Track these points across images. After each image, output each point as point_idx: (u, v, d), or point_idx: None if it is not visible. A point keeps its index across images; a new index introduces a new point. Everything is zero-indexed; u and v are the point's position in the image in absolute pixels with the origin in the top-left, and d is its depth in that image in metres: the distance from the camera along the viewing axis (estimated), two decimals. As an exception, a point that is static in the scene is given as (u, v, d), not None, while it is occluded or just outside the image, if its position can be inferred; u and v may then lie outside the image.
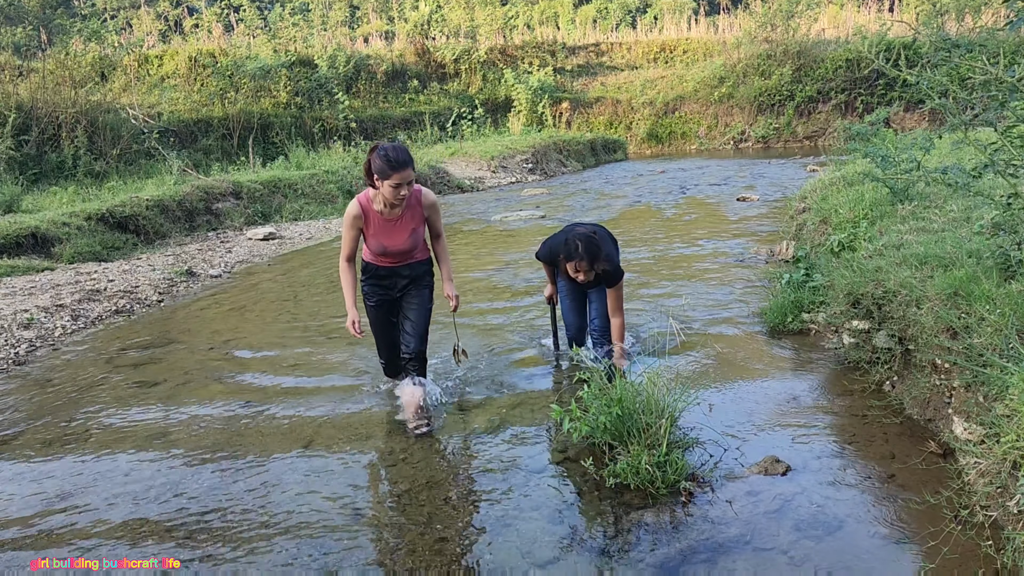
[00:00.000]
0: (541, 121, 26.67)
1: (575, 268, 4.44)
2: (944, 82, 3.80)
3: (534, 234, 10.87)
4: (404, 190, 3.97)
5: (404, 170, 3.90)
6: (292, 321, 6.66)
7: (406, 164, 3.91)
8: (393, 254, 4.31)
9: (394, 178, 3.90)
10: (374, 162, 3.92)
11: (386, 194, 3.97)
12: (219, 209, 12.67)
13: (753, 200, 12.92)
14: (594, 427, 3.55)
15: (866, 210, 6.35)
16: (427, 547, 3.04)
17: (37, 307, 6.94)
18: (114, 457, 4.03)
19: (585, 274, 4.44)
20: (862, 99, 25.13)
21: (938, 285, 3.90)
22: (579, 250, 4.37)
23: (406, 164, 3.91)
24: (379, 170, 3.91)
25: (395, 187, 3.92)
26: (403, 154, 3.92)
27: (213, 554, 3.05)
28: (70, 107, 15.40)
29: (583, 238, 4.40)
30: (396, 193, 3.95)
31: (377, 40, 31.78)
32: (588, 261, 4.36)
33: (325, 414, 4.49)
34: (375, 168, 3.92)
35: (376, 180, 3.96)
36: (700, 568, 2.82)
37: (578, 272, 4.46)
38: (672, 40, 32.30)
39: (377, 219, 4.19)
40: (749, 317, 5.93)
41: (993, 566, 2.64)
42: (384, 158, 3.88)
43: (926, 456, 3.52)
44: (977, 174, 4.04)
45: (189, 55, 22.21)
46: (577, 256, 4.37)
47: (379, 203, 4.14)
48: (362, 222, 4.20)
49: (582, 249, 4.36)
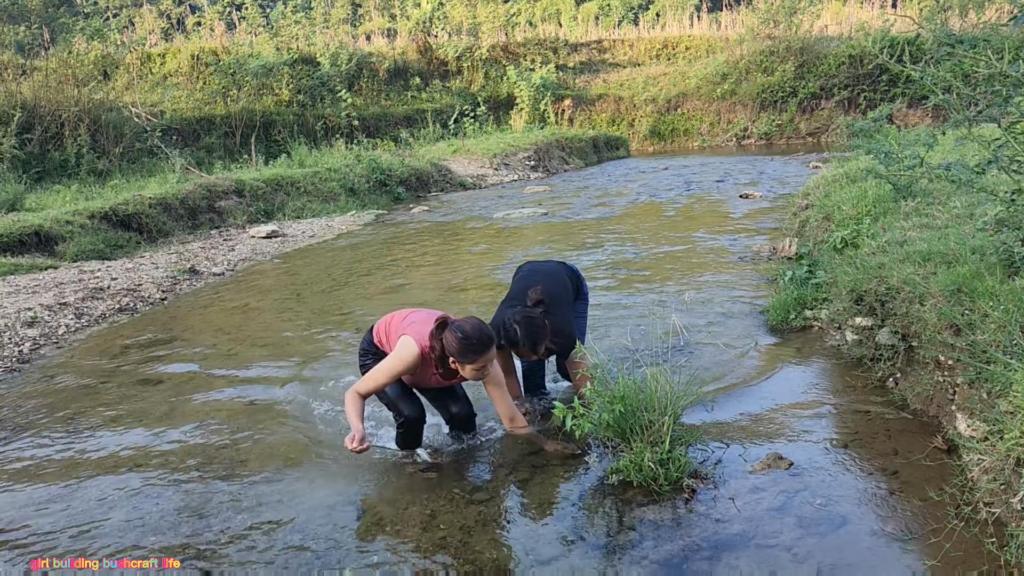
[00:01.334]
0: (543, 118, 26.67)
1: (518, 353, 4.04)
2: (947, 78, 3.78)
3: (536, 231, 10.88)
4: (489, 368, 3.59)
5: (489, 351, 3.48)
6: (295, 319, 6.67)
7: (490, 344, 3.48)
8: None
9: (478, 362, 3.47)
10: (449, 343, 3.46)
11: (467, 375, 3.56)
12: (222, 207, 12.68)
13: (756, 197, 12.91)
14: (596, 424, 3.55)
15: (869, 207, 6.34)
16: (430, 545, 3.04)
17: (41, 305, 6.95)
18: (117, 456, 4.04)
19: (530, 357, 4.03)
20: (865, 95, 25.10)
21: (941, 282, 3.89)
22: (518, 335, 3.87)
23: (490, 344, 3.48)
24: (457, 353, 3.45)
25: (479, 369, 3.52)
26: (485, 333, 3.48)
27: (215, 550, 3.05)
28: (73, 106, 15.43)
29: (522, 321, 3.87)
30: (480, 374, 3.56)
31: (379, 38, 31.77)
32: (530, 346, 3.87)
33: (328, 413, 4.48)
34: (451, 350, 3.46)
35: (452, 362, 3.52)
36: (703, 565, 2.82)
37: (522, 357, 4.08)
38: (674, 37, 32.30)
39: (431, 377, 3.73)
40: (752, 314, 5.93)
41: (996, 563, 2.64)
42: (465, 342, 3.42)
43: (929, 452, 3.51)
44: (980, 170, 4.03)
45: (191, 53, 22.26)
46: (519, 342, 3.88)
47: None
48: (412, 373, 3.69)
49: (521, 334, 3.85)
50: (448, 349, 3.47)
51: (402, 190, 15.96)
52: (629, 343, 5.20)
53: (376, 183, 15.58)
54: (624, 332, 5.45)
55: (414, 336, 3.59)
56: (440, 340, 3.51)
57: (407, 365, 3.57)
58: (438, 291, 7.34)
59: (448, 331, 3.48)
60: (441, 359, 3.55)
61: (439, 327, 3.53)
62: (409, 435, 3.81)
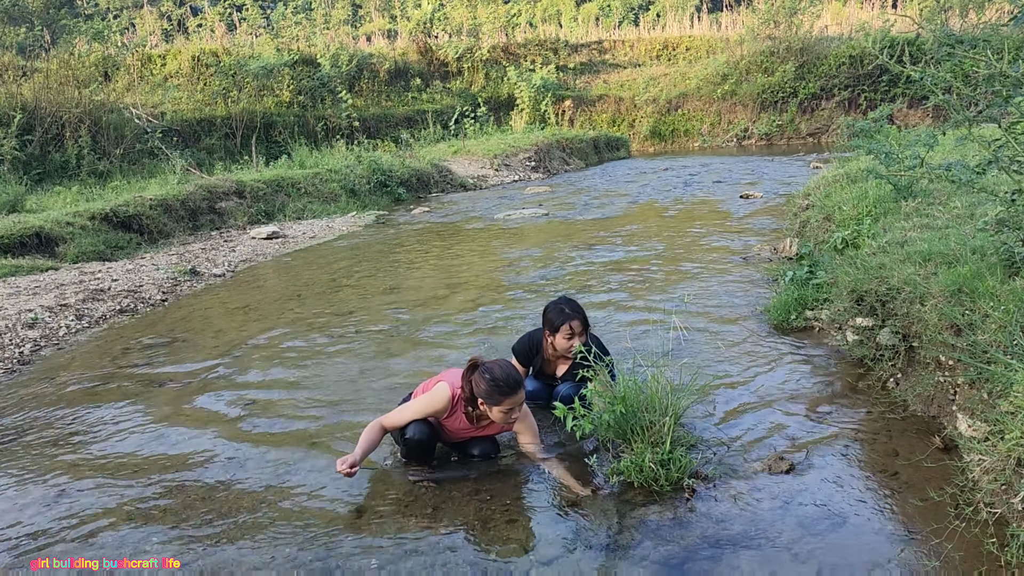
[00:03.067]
0: (544, 119, 26.68)
1: (570, 331, 4.10)
2: (948, 78, 3.78)
3: (537, 232, 10.88)
4: (516, 412, 3.55)
5: (516, 394, 3.46)
6: (296, 320, 6.67)
7: (517, 387, 3.46)
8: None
9: (505, 404, 3.46)
10: (477, 385, 3.47)
11: (495, 418, 3.55)
12: (222, 208, 12.69)
13: (756, 197, 12.91)
14: (597, 425, 3.55)
15: (869, 207, 6.34)
16: (431, 546, 3.04)
17: (41, 307, 6.95)
18: (120, 456, 4.04)
19: (579, 337, 4.11)
20: (865, 96, 25.10)
21: (942, 282, 3.89)
22: (568, 310, 4.09)
23: (517, 387, 3.46)
24: (487, 396, 3.45)
25: (506, 412, 3.50)
26: (512, 376, 3.47)
27: (216, 542, 3.05)
28: (74, 107, 15.43)
29: (564, 300, 4.16)
30: (507, 418, 3.54)
31: (380, 39, 31.79)
32: (581, 318, 4.11)
33: (329, 414, 4.49)
34: (480, 392, 3.47)
35: (481, 405, 3.52)
36: (704, 565, 2.82)
37: (572, 338, 4.11)
38: (675, 37, 32.30)
39: (461, 423, 3.69)
40: (752, 315, 5.93)
41: (997, 563, 2.64)
42: (493, 384, 3.42)
43: (930, 453, 3.51)
44: (981, 170, 4.03)
45: (192, 54, 22.28)
46: (569, 316, 4.07)
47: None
48: (442, 415, 3.66)
49: (570, 309, 4.10)
50: (476, 391, 3.48)
51: (403, 191, 15.96)
52: (629, 344, 5.20)
53: (377, 184, 15.58)
54: (624, 333, 5.45)
55: (448, 381, 3.65)
56: (470, 381, 3.52)
57: (436, 406, 3.60)
58: (439, 291, 7.34)
59: (477, 373, 3.50)
60: (471, 400, 3.54)
61: (469, 369, 3.55)
62: (413, 455, 3.71)
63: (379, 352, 5.60)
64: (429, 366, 5.15)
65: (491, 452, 3.79)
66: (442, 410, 3.60)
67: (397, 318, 6.51)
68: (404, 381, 4.86)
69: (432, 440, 3.66)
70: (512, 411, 3.51)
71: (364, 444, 3.51)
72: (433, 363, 5.22)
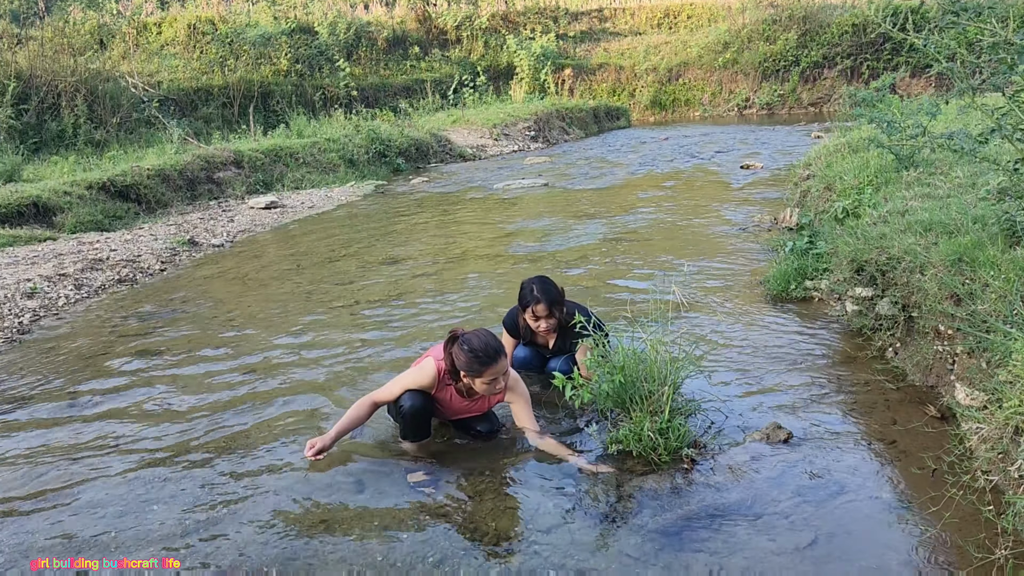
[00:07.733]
0: (543, 88, 26.44)
1: (534, 315, 4.00)
2: (951, 46, 3.74)
3: (536, 202, 10.84)
4: (500, 382, 3.49)
5: (497, 363, 3.37)
6: (295, 290, 6.66)
7: (497, 356, 3.37)
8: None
9: (487, 375, 3.38)
10: (458, 358, 3.40)
11: (478, 389, 3.47)
12: (220, 178, 12.63)
13: (757, 167, 12.85)
14: (596, 395, 3.55)
15: (871, 177, 6.31)
16: (431, 514, 3.06)
17: (40, 276, 6.95)
18: (118, 428, 4.05)
19: (546, 321, 4.02)
20: (868, 65, 24.88)
21: (942, 251, 3.88)
22: (534, 292, 3.95)
23: (497, 356, 3.37)
24: (467, 367, 3.38)
25: (490, 383, 3.43)
26: (492, 345, 3.38)
27: (216, 534, 3.07)
28: (69, 76, 15.27)
29: (536, 279, 4.02)
30: (491, 388, 3.46)
31: (377, 6, 31.34)
32: (547, 303, 3.95)
33: (328, 383, 4.49)
34: (461, 365, 3.39)
35: (464, 376, 3.45)
36: (702, 533, 2.84)
37: (538, 321, 4.03)
38: (676, 5, 31.84)
39: (453, 398, 3.62)
40: (752, 285, 5.92)
41: (993, 530, 2.66)
42: (472, 355, 3.35)
43: (927, 421, 3.53)
44: (983, 139, 4.00)
45: (188, 23, 22.00)
46: (535, 300, 3.95)
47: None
48: (432, 390, 3.58)
49: (537, 291, 3.95)
50: (457, 363, 3.42)
51: (401, 161, 15.87)
52: (629, 313, 5.20)
53: (375, 154, 15.49)
54: (624, 303, 5.44)
55: (434, 356, 3.58)
56: (451, 354, 3.45)
57: (423, 381, 3.52)
58: (438, 261, 7.33)
59: (456, 345, 3.43)
60: (452, 373, 3.49)
61: (449, 341, 3.48)
62: (409, 427, 3.60)
63: (378, 323, 5.60)
64: (428, 337, 5.15)
65: (495, 428, 3.75)
66: (429, 385, 3.53)
67: (396, 288, 6.51)
68: (403, 354, 4.86)
69: (427, 409, 3.59)
70: (495, 381, 3.43)
71: (345, 421, 3.47)
72: (431, 335, 5.22)
